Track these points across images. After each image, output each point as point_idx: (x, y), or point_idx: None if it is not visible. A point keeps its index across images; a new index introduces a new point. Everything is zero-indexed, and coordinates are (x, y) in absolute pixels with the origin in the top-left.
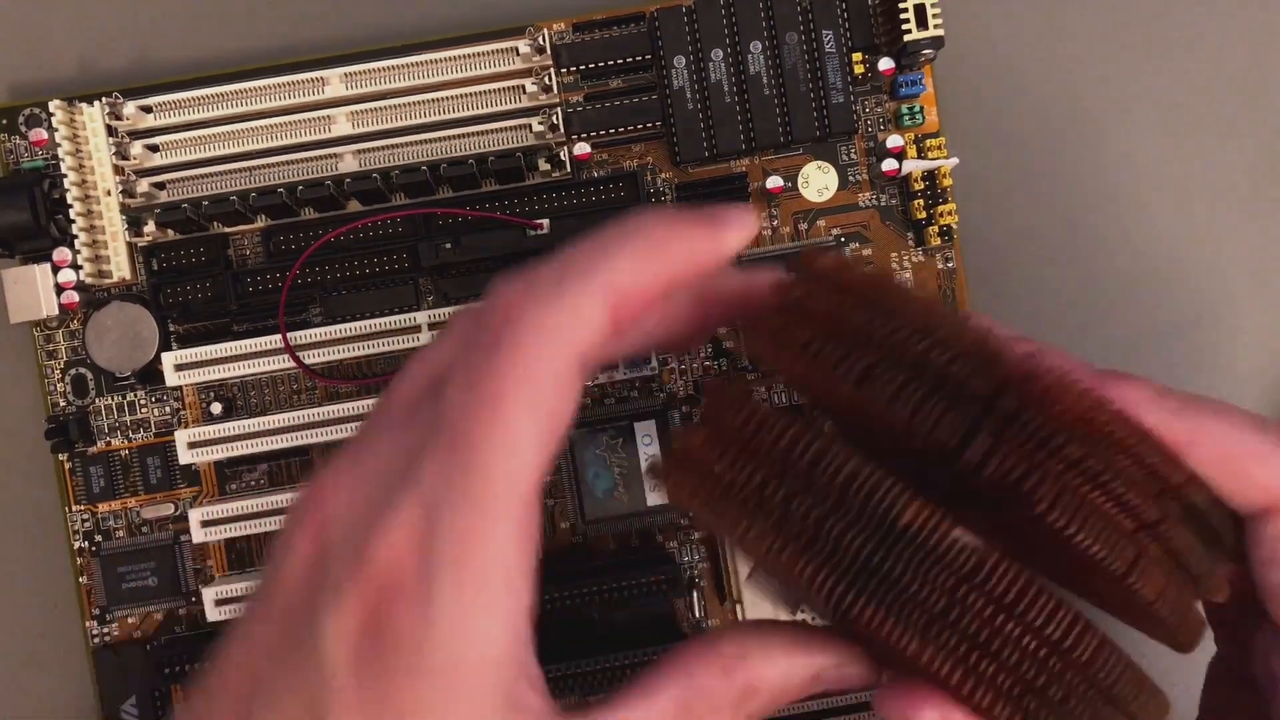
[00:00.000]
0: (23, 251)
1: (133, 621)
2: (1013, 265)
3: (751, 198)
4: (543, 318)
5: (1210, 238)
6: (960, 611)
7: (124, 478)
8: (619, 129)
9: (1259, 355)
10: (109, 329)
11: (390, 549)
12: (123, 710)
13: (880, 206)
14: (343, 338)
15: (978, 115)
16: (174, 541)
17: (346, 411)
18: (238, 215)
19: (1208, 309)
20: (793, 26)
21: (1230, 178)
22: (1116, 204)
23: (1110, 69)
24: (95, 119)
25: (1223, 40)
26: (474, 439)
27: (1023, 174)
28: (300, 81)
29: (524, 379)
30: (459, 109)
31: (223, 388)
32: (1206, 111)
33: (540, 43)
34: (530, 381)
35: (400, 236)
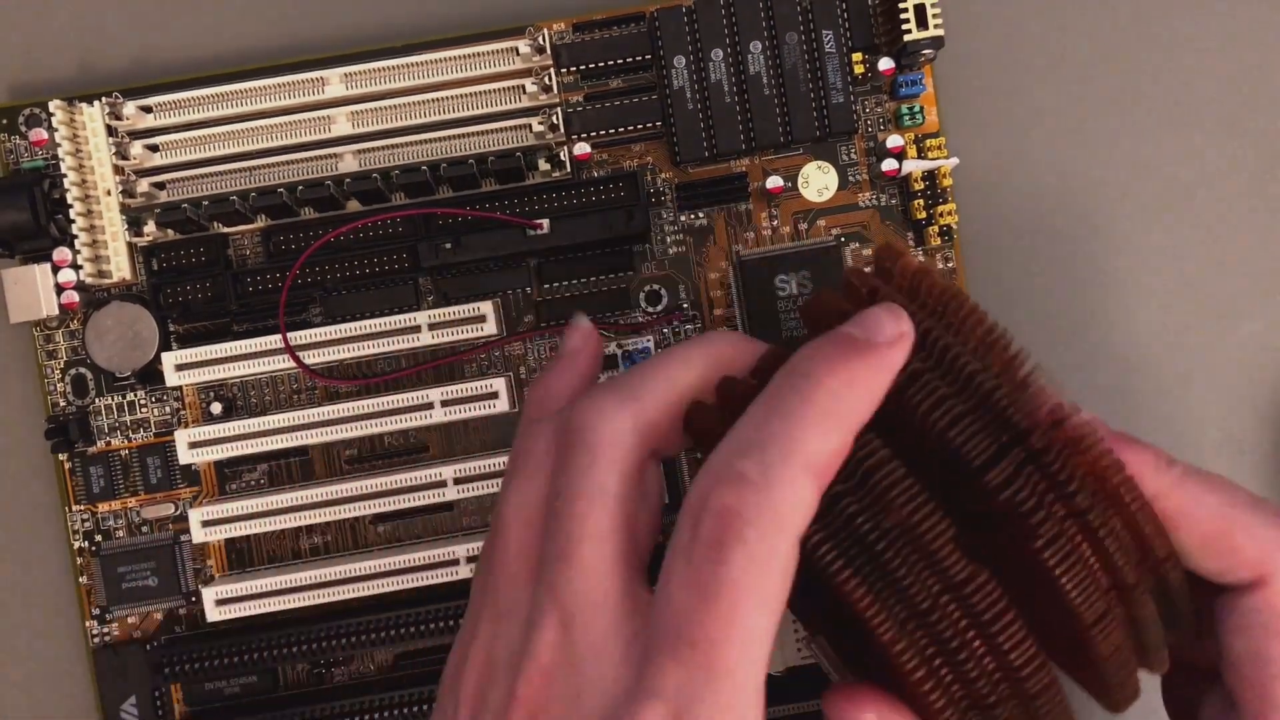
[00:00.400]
0: (23, 251)
1: (133, 621)
2: (1013, 265)
3: (751, 198)
4: (762, 515)
5: (1210, 237)
6: (939, 616)
7: (124, 478)
8: (619, 129)
9: (1259, 355)
10: (109, 329)
11: None
12: (123, 710)
13: (880, 206)
14: (343, 338)
15: (978, 115)
16: (174, 541)
17: (346, 411)
18: (238, 215)
19: (1208, 308)
20: (793, 26)
21: (1230, 177)
22: (1116, 203)
23: (1110, 68)
24: (95, 119)
25: (1223, 39)
26: (716, 644)
27: (1023, 174)
28: (300, 81)
29: (755, 579)
30: (459, 109)
31: (223, 388)
32: (1207, 110)
33: (540, 43)
34: (761, 579)
35: (400, 236)
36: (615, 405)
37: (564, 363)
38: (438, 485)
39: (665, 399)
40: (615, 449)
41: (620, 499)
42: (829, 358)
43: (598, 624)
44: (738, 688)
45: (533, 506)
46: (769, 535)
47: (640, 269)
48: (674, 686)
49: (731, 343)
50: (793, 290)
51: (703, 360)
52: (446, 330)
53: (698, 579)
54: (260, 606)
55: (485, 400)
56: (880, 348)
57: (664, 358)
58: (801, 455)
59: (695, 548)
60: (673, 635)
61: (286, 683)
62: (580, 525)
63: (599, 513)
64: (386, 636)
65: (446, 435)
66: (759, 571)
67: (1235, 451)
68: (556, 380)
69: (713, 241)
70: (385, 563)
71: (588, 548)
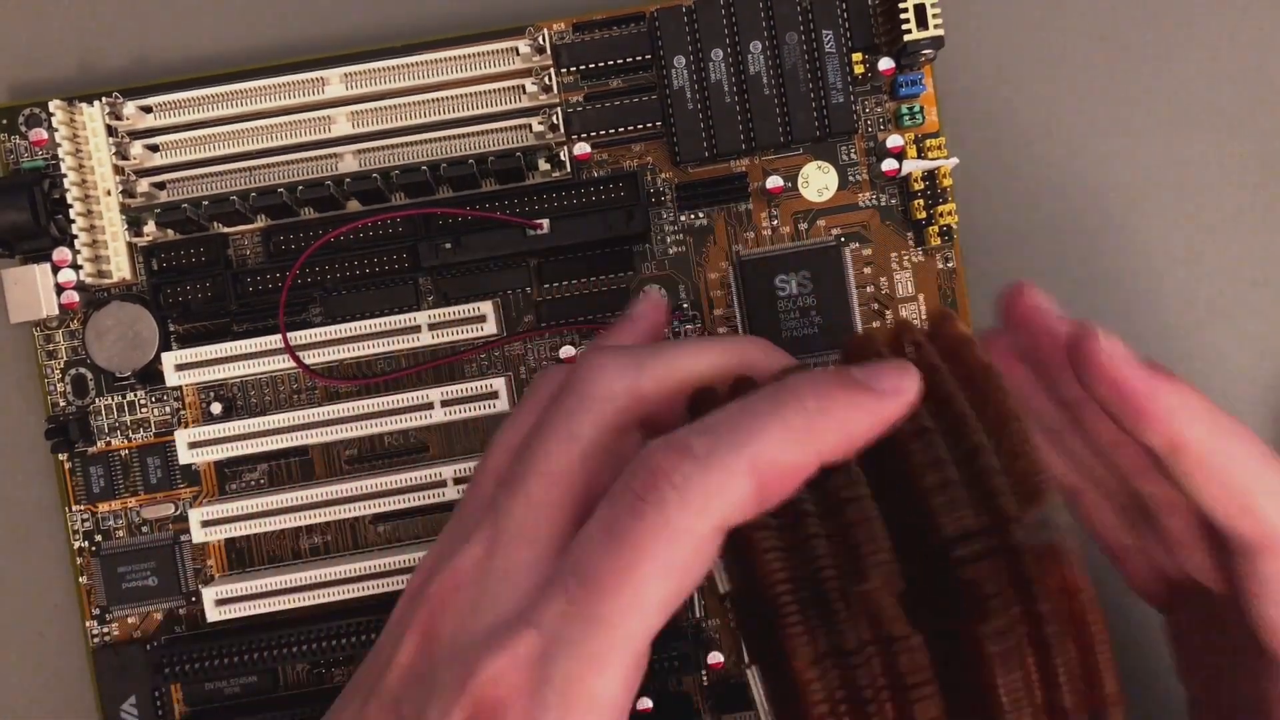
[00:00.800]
0: (23, 251)
1: (133, 621)
2: (1013, 265)
3: (751, 198)
4: (690, 487)
5: (1210, 237)
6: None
7: (124, 478)
8: (619, 129)
9: (1259, 355)
10: (109, 329)
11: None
12: (123, 710)
13: (880, 206)
14: (343, 338)
15: (978, 115)
16: (174, 541)
17: (346, 412)
18: (238, 215)
19: (1208, 309)
20: (793, 26)
21: (1230, 177)
22: (1116, 203)
23: (1110, 69)
24: (95, 119)
25: (1223, 39)
26: (605, 590)
27: (1023, 174)
28: (300, 81)
29: (664, 544)
30: (459, 109)
31: (223, 388)
32: (1206, 110)
33: (540, 43)
34: (670, 547)
35: (400, 236)
36: (617, 366)
37: (627, 325)
38: (438, 485)
39: (667, 376)
40: (600, 403)
41: (588, 449)
42: (816, 381)
43: (520, 553)
44: (613, 641)
45: (519, 436)
46: (689, 509)
47: (640, 269)
48: (552, 620)
49: (759, 347)
50: (793, 290)
51: (719, 355)
52: (446, 330)
53: (611, 525)
54: (260, 606)
55: (485, 400)
56: (872, 392)
57: (684, 342)
58: (750, 452)
59: (621, 495)
60: (569, 570)
61: (286, 683)
62: (540, 461)
63: (560, 454)
64: None
65: (446, 435)
66: (668, 539)
67: None
68: (617, 336)
69: (713, 241)
70: (385, 563)
71: (538, 483)
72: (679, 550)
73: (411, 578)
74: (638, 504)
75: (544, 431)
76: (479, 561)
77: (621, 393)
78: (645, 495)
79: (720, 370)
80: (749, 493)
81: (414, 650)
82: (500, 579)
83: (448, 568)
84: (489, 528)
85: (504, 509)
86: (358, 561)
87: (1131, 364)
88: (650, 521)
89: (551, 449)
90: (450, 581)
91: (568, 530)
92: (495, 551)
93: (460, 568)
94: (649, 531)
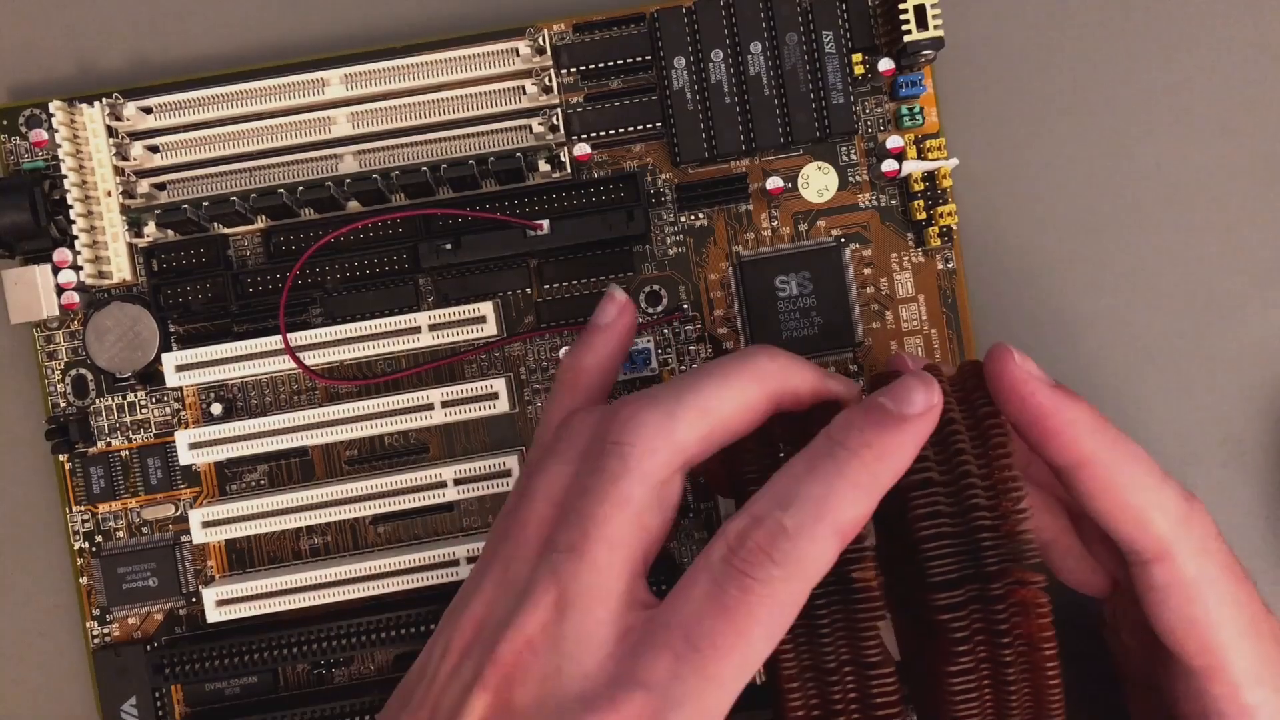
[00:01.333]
0: (23, 252)
1: (133, 621)
2: (1013, 265)
3: (751, 198)
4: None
5: (1210, 237)
6: (837, 681)
7: (124, 478)
8: (619, 129)
9: (1259, 355)
10: (109, 329)
11: None
12: (123, 711)
13: (880, 207)
14: (343, 338)
15: (978, 115)
16: (174, 542)
17: (347, 412)
18: (238, 216)
19: (1208, 309)
20: (793, 27)
21: (1230, 177)
22: (1116, 204)
23: (1110, 69)
24: (95, 119)
25: (1223, 40)
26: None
27: (1023, 174)
28: (300, 82)
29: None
30: (459, 110)
31: (223, 388)
32: (1206, 111)
33: (540, 43)
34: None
35: (400, 237)
36: (655, 425)
37: (597, 337)
38: (438, 486)
39: (702, 428)
40: (646, 463)
41: (641, 511)
42: (864, 430)
43: (594, 613)
44: (720, 699)
45: (560, 488)
46: (791, 580)
47: (640, 269)
48: (664, 680)
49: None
50: (793, 291)
51: (742, 390)
52: (446, 331)
53: (720, 595)
54: (260, 607)
55: (485, 401)
56: (910, 420)
57: (708, 381)
58: (831, 519)
59: (725, 570)
60: (678, 634)
61: (286, 683)
62: (599, 527)
63: (618, 520)
64: (386, 637)
65: (447, 436)
66: (775, 606)
67: (1235, 451)
68: (587, 356)
69: (713, 242)
70: (385, 563)
71: (601, 549)
72: (781, 617)
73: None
74: (745, 580)
75: (595, 495)
76: (548, 625)
77: (662, 447)
78: (751, 572)
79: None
80: (836, 550)
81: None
82: (579, 642)
83: (515, 629)
84: (552, 590)
85: (565, 571)
86: (358, 562)
87: (1040, 383)
88: (758, 593)
89: (608, 514)
90: (522, 643)
91: (633, 587)
92: (566, 615)
93: (528, 630)
94: (758, 601)
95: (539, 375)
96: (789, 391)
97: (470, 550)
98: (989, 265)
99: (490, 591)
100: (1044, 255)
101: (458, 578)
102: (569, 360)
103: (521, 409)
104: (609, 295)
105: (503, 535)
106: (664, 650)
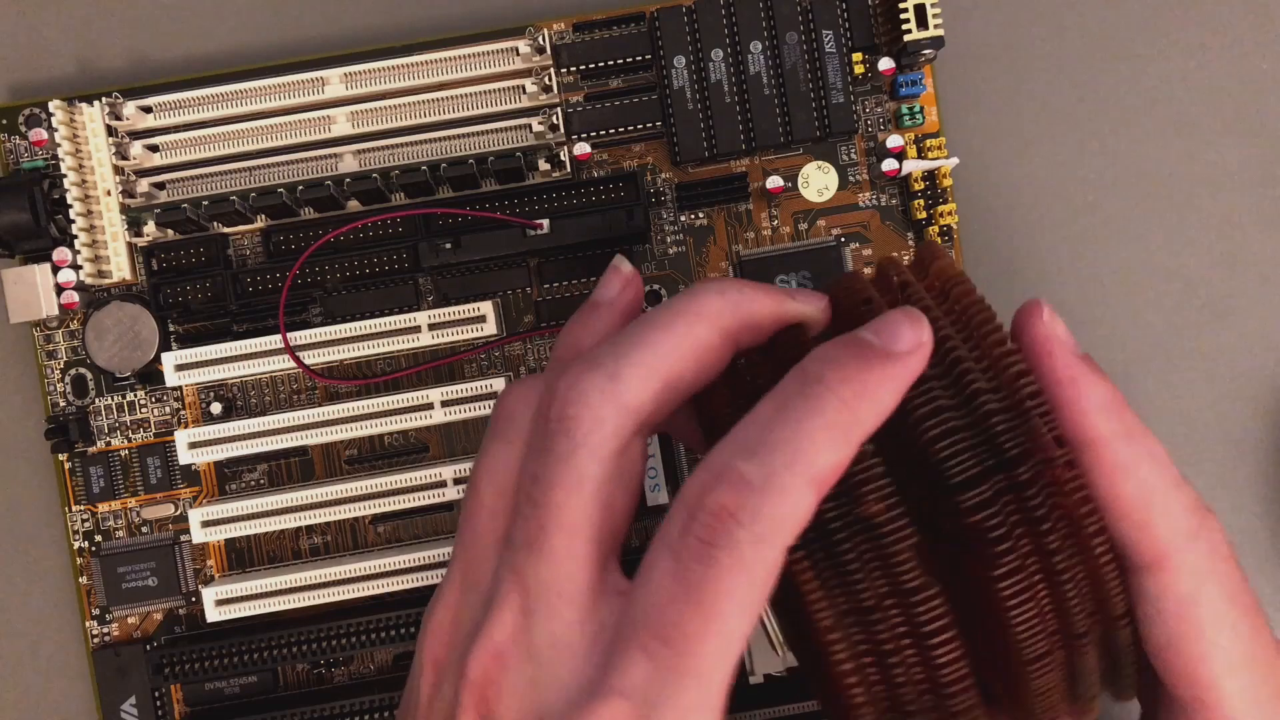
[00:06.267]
0: (23, 251)
1: (133, 621)
2: (1013, 265)
3: (751, 198)
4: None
5: (1211, 237)
6: (880, 618)
7: (124, 478)
8: (619, 129)
9: (1259, 355)
10: (109, 329)
11: None
12: (123, 710)
13: (880, 206)
14: (343, 338)
15: (978, 115)
16: (174, 541)
17: (346, 412)
18: (237, 215)
19: (1208, 309)
20: (793, 26)
21: (1230, 176)
22: (1116, 203)
23: (1110, 69)
24: (95, 119)
25: (1223, 40)
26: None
27: (1023, 174)
28: (300, 81)
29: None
30: (459, 109)
31: (223, 388)
32: (1206, 111)
33: (540, 43)
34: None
35: (400, 236)
36: (599, 391)
37: (597, 313)
38: (438, 485)
39: (652, 382)
40: (595, 436)
41: (599, 488)
42: (843, 365)
43: (562, 615)
44: (705, 691)
45: (506, 472)
46: (762, 542)
47: (640, 269)
48: (640, 683)
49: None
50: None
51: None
52: (446, 330)
53: (683, 576)
54: (260, 606)
55: (485, 400)
56: (897, 357)
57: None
58: (806, 465)
59: (685, 543)
60: (647, 630)
61: (286, 683)
62: (555, 515)
63: (575, 503)
64: (386, 636)
65: (446, 435)
66: (746, 576)
67: (1235, 451)
68: (585, 333)
69: (713, 241)
70: (385, 563)
71: (560, 539)
72: (755, 585)
73: (424, 637)
74: (708, 550)
75: (545, 481)
76: (516, 632)
77: (610, 415)
78: (714, 540)
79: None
80: (812, 503)
81: None
82: (551, 648)
83: (482, 641)
84: (515, 593)
85: (527, 570)
86: (357, 562)
87: (1062, 346)
88: (725, 565)
89: (562, 499)
90: (490, 658)
91: (602, 577)
92: (533, 619)
93: (497, 640)
94: (726, 574)
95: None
96: (747, 324)
97: None
98: (989, 265)
99: (455, 597)
100: (1044, 255)
101: None
102: (564, 338)
103: None
104: (613, 268)
105: (460, 533)
106: (636, 650)
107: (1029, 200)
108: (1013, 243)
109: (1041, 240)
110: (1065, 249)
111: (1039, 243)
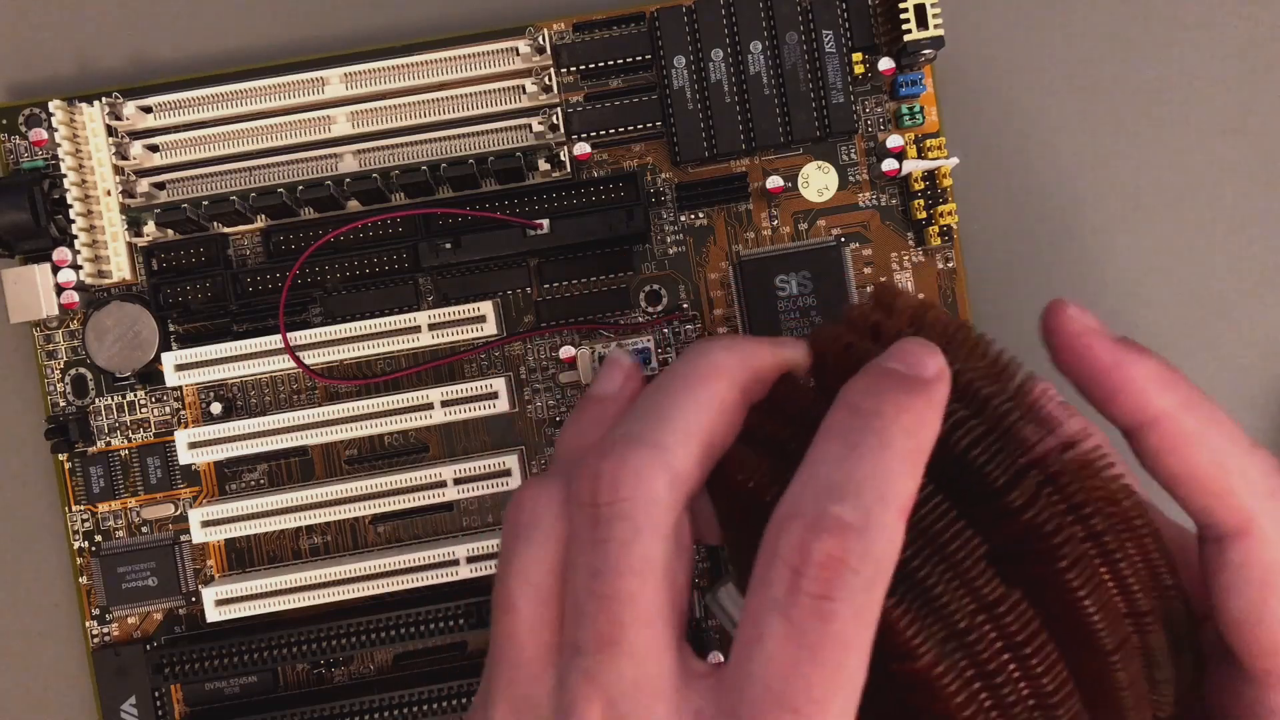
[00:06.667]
0: (23, 251)
1: (133, 621)
2: (1013, 265)
3: (751, 198)
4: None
5: (1211, 237)
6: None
7: (124, 478)
8: (619, 129)
9: (1259, 355)
10: (109, 329)
11: None
12: (123, 710)
13: (880, 206)
14: (343, 338)
15: (978, 115)
16: (174, 541)
17: (346, 412)
18: (238, 215)
19: (1208, 309)
20: (793, 26)
21: (1230, 177)
22: (1116, 204)
23: (1110, 69)
24: (95, 119)
25: (1223, 40)
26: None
27: (1023, 174)
28: (300, 81)
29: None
30: (459, 109)
31: (223, 388)
32: (1206, 110)
33: (540, 43)
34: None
35: (400, 236)
36: (649, 465)
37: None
38: (438, 485)
39: (695, 448)
40: (655, 514)
41: (666, 570)
42: (894, 396)
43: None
44: None
45: (544, 577)
46: (875, 584)
47: (640, 269)
48: None
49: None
50: (793, 290)
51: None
52: (446, 330)
53: (802, 637)
54: (260, 606)
55: (485, 400)
56: (930, 383)
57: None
58: (894, 498)
59: (797, 602)
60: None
61: (286, 683)
62: (629, 607)
63: (648, 590)
64: (386, 636)
65: (446, 435)
66: (865, 623)
67: None
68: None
69: (713, 241)
70: (385, 563)
71: (638, 632)
72: (872, 627)
73: None
74: (825, 605)
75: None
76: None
77: (664, 489)
78: (830, 593)
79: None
80: (902, 534)
81: None
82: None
83: None
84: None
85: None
86: (357, 562)
87: (1098, 335)
88: (846, 616)
89: (635, 588)
90: None
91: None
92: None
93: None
94: (847, 625)
95: (539, 375)
96: (755, 377)
97: (470, 550)
98: (989, 265)
99: None
100: (1044, 255)
101: (458, 577)
102: (567, 435)
103: (521, 409)
104: (612, 361)
105: (495, 657)
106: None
107: (1029, 200)
108: (1013, 243)
109: (1041, 240)
110: (1065, 249)
111: (1039, 243)
